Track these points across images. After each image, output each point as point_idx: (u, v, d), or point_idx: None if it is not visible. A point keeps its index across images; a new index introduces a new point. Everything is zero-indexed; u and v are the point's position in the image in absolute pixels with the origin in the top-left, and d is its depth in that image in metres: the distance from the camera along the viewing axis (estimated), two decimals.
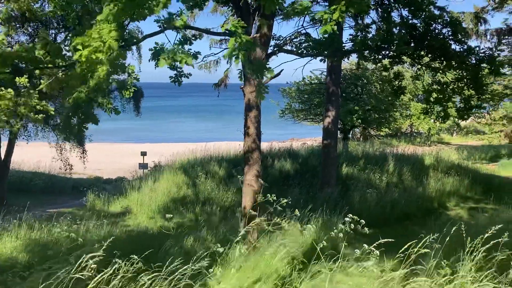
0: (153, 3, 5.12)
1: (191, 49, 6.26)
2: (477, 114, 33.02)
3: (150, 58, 5.94)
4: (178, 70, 7.35)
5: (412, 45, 12.31)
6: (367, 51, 12.26)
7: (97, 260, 4.39)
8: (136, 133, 61.65)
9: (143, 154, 23.14)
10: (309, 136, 46.03)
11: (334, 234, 5.78)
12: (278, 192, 7.92)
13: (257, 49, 8.02)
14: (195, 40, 7.30)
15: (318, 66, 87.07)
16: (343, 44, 12.32)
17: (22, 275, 5.73)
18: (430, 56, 13.24)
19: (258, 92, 7.69)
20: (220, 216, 13.08)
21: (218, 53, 21.00)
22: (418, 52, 12.98)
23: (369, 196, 14.56)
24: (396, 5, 13.16)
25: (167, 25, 5.85)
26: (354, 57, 16.62)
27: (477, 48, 12.84)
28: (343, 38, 14.39)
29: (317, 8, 15.27)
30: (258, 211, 6.94)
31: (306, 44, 11.44)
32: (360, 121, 28.13)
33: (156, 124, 74.60)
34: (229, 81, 20.26)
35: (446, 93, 13.90)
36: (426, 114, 16.23)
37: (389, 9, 13.10)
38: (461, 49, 12.86)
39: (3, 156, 19.05)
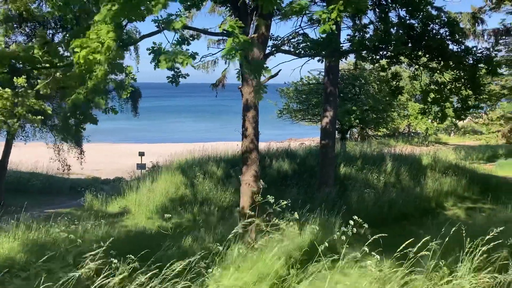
0: (151, 3, 5.11)
1: (188, 49, 6.27)
2: (474, 114, 33.15)
3: (151, 60, 5.94)
4: (176, 71, 7.36)
5: (410, 45, 12.34)
6: (365, 51, 12.29)
7: (96, 260, 4.40)
8: (135, 133, 61.57)
9: (141, 154, 23.13)
10: (307, 136, 46.03)
11: (336, 237, 5.77)
12: (276, 192, 7.94)
13: (254, 49, 8.02)
14: (192, 40, 7.32)
15: (316, 66, 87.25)
16: (341, 44, 12.34)
17: (20, 275, 5.72)
18: (427, 56, 13.27)
19: (257, 92, 7.69)
20: (218, 216, 13.07)
21: (215, 53, 21.02)
22: (415, 52, 13.01)
23: (367, 196, 14.58)
24: (394, 5, 13.18)
25: (166, 26, 5.84)
26: (352, 57, 16.69)
27: (474, 48, 12.88)
28: (340, 39, 14.40)
29: (315, 8, 15.27)
30: (256, 211, 6.94)
31: (304, 44, 11.46)
32: (358, 121, 28.15)
33: (154, 124, 74.54)
34: (226, 81, 20.26)
35: (444, 93, 13.93)
36: (423, 114, 16.27)
37: (387, 9, 13.11)
38: (459, 49, 12.91)
39: (0, 156, 19.00)
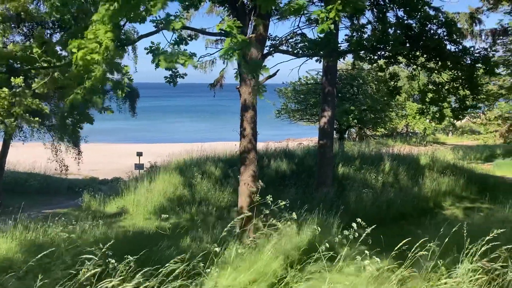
0: (150, 4, 5.10)
1: (186, 49, 6.27)
2: (472, 114, 33.18)
3: (152, 60, 5.93)
4: (174, 71, 7.35)
5: (408, 45, 12.35)
6: (363, 52, 12.30)
7: (94, 260, 4.39)
8: (133, 133, 61.53)
9: (139, 154, 23.09)
10: (305, 136, 46.03)
11: (338, 240, 5.76)
12: (274, 192, 7.93)
13: (253, 49, 8.03)
14: (190, 40, 7.31)
15: (314, 66, 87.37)
16: (339, 45, 12.35)
17: (18, 275, 5.70)
18: (425, 56, 13.30)
19: (256, 91, 7.69)
20: (216, 216, 13.06)
21: (213, 53, 21.05)
22: (413, 53, 13.03)
23: (365, 196, 14.58)
24: (392, 6, 13.19)
25: (165, 26, 5.84)
26: (350, 58, 16.68)
27: (472, 49, 12.91)
28: (338, 39, 14.41)
29: (313, 8, 15.29)
30: (254, 211, 6.95)
31: (302, 44, 11.47)
32: (356, 121, 28.18)
33: (152, 125, 74.55)
34: (224, 81, 20.25)
35: (441, 93, 13.96)
36: (422, 114, 16.32)
37: (385, 10, 13.14)
38: (456, 49, 12.93)
39: None
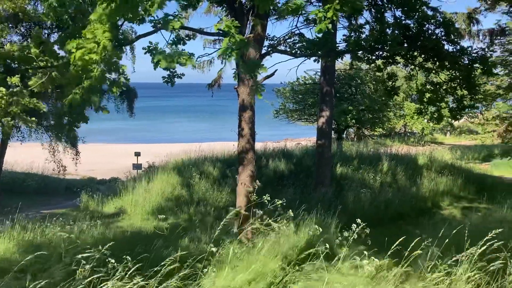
0: (148, 4, 5.10)
1: (184, 49, 6.27)
2: (470, 114, 33.25)
3: (151, 60, 5.91)
4: (172, 71, 7.34)
5: (406, 45, 12.37)
6: (361, 52, 12.31)
7: (92, 261, 4.38)
8: (131, 133, 61.50)
9: (137, 154, 23.04)
10: (303, 136, 46.06)
11: (338, 241, 5.75)
12: (272, 192, 7.92)
13: (251, 49, 8.03)
14: (188, 40, 7.30)
15: (312, 66, 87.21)
16: (337, 45, 12.37)
17: (16, 276, 5.69)
18: (423, 56, 13.31)
19: (254, 91, 7.69)
20: (214, 216, 13.06)
21: (211, 53, 21.02)
22: (411, 53, 13.05)
23: (363, 196, 14.60)
24: (390, 6, 13.21)
25: (163, 26, 5.83)
26: (348, 58, 16.67)
27: (469, 49, 12.93)
28: (336, 39, 14.42)
29: (311, 9, 15.29)
30: (251, 211, 6.94)
31: (300, 45, 11.47)
32: (354, 121, 28.19)
33: (151, 125, 74.58)
34: (222, 81, 20.27)
35: (439, 93, 13.97)
36: (420, 114, 16.31)
37: (383, 10, 13.15)
38: (454, 49, 12.95)
39: None
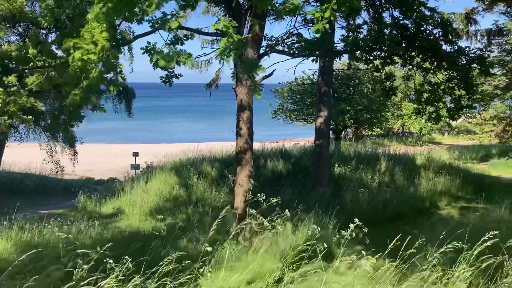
0: (145, 4, 5.09)
1: (183, 49, 6.25)
2: (468, 114, 33.29)
3: (150, 60, 5.90)
4: (170, 71, 7.33)
5: (403, 45, 12.37)
6: (359, 52, 12.31)
7: (90, 261, 4.37)
8: (130, 133, 61.49)
9: (135, 154, 23.03)
10: (301, 136, 46.08)
11: (336, 239, 5.76)
12: (270, 192, 7.92)
13: (249, 49, 8.02)
14: (186, 40, 7.30)
15: (310, 66, 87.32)
16: (335, 45, 12.35)
17: (14, 276, 5.68)
18: (421, 56, 13.31)
19: (252, 91, 7.69)
20: (212, 217, 13.04)
21: (209, 53, 21.03)
22: (409, 53, 13.05)
23: (361, 196, 14.60)
24: (387, 6, 13.21)
25: (161, 26, 5.82)
26: (346, 58, 16.69)
27: (467, 49, 12.93)
28: (334, 39, 14.42)
29: (309, 9, 15.28)
30: (247, 211, 6.93)
31: (298, 45, 11.46)
32: (352, 121, 28.22)
33: (150, 125, 74.61)
34: (220, 81, 20.27)
35: (437, 93, 13.98)
36: (418, 114, 16.32)
37: (380, 10, 13.15)
38: (452, 49, 12.96)
39: None
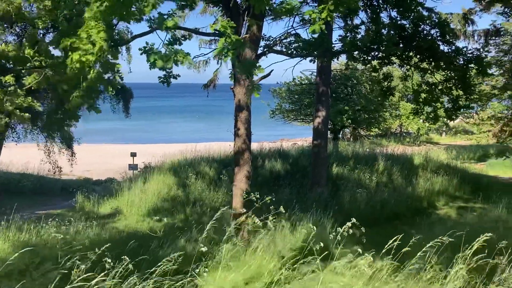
0: (143, 3, 5.09)
1: (181, 49, 6.24)
2: (465, 114, 33.31)
3: (147, 60, 5.90)
4: (168, 71, 7.32)
5: (401, 46, 12.39)
6: (357, 52, 12.32)
7: (87, 262, 4.37)
8: (129, 133, 61.44)
9: (133, 155, 23.00)
10: (299, 136, 46.12)
11: (332, 237, 5.77)
12: (268, 192, 7.94)
13: (246, 50, 8.03)
14: (184, 40, 7.30)
15: (308, 66, 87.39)
16: (333, 45, 12.37)
17: (12, 276, 5.68)
18: (418, 57, 13.34)
19: (250, 91, 7.69)
20: (210, 217, 13.02)
21: (207, 54, 21.04)
22: (407, 53, 13.07)
23: (359, 196, 14.62)
24: (385, 6, 13.24)
25: (158, 25, 5.82)
26: (344, 58, 16.71)
27: (465, 49, 12.97)
28: (332, 39, 14.44)
29: (307, 9, 15.30)
30: (247, 211, 6.94)
31: (296, 45, 11.48)
32: (350, 121, 28.25)
33: (148, 125, 74.59)
34: (218, 81, 20.24)
35: (435, 93, 14.02)
36: (416, 114, 16.36)
37: (378, 10, 13.17)
38: (449, 50, 12.99)
39: None
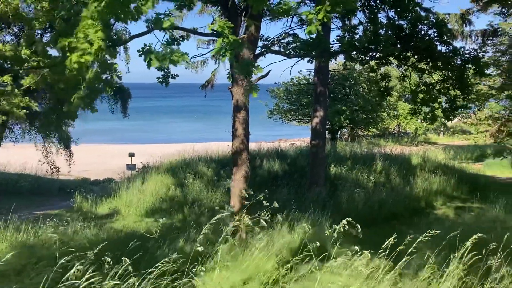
0: (140, 2, 5.08)
1: (179, 49, 6.24)
2: (463, 114, 33.43)
3: (144, 59, 5.90)
4: (166, 71, 7.32)
5: (399, 46, 12.42)
6: (354, 52, 12.33)
7: (85, 262, 4.37)
8: (127, 133, 61.43)
9: (131, 155, 22.98)
10: (297, 136, 46.15)
11: (328, 233, 5.78)
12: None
13: (244, 50, 8.03)
14: (182, 40, 7.29)
15: (306, 66, 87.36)
16: (331, 45, 12.38)
17: (10, 277, 5.67)
18: (416, 57, 13.37)
19: (248, 92, 7.68)
20: (208, 217, 13.03)
21: (205, 54, 21.02)
22: (404, 53, 13.10)
23: (357, 196, 14.63)
24: (383, 6, 13.26)
25: (155, 25, 5.82)
26: (342, 58, 16.72)
27: (462, 49, 13.00)
28: (330, 39, 14.47)
29: (305, 9, 15.31)
30: (246, 211, 6.95)
31: (294, 45, 11.46)
32: (348, 121, 28.27)
33: (146, 125, 74.59)
34: (216, 81, 20.28)
35: (432, 93, 14.04)
36: (413, 114, 16.39)
37: (376, 10, 13.19)
38: (447, 50, 13.01)
39: None
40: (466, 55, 12.95)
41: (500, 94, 26.37)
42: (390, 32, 12.09)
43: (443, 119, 23.16)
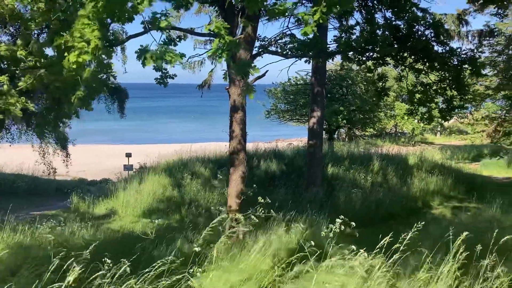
0: (137, 0, 5.07)
1: (175, 50, 6.24)
2: (460, 115, 33.50)
3: (137, 57, 5.89)
4: (164, 71, 7.31)
5: (396, 46, 12.44)
6: (351, 52, 12.36)
7: (82, 263, 4.36)
8: (126, 134, 61.33)
9: (128, 155, 22.95)
10: (294, 136, 46.15)
11: (324, 233, 5.80)
12: (264, 192, 7.95)
13: (241, 50, 8.04)
14: (179, 41, 7.27)
15: (304, 67, 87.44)
16: (328, 45, 12.40)
17: (6, 278, 5.65)
18: (413, 57, 13.40)
19: (245, 92, 7.69)
20: (206, 217, 13.03)
21: (202, 54, 21.03)
22: (401, 54, 13.13)
23: (354, 196, 14.65)
24: (380, 7, 13.29)
25: (151, 25, 5.82)
26: (339, 58, 16.74)
27: (459, 50, 13.05)
28: (327, 39, 14.48)
29: (302, 9, 15.33)
30: (243, 211, 6.95)
31: (291, 45, 11.48)
32: (345, 121, 28.33)
33: (145, 125, 74.53)
34: (213, 81, 20.29)
35: (429, 93, 14.08)
36: (410, 115, 16.43)
37: (373, 11, 13.22)
38: (444, 50, 13.05)
39: None
40: (462, 56, 13.00)
41: (497, 94, 26.48)
42: (387, 33, 12.12)
43: (440, 119, 23.23)
